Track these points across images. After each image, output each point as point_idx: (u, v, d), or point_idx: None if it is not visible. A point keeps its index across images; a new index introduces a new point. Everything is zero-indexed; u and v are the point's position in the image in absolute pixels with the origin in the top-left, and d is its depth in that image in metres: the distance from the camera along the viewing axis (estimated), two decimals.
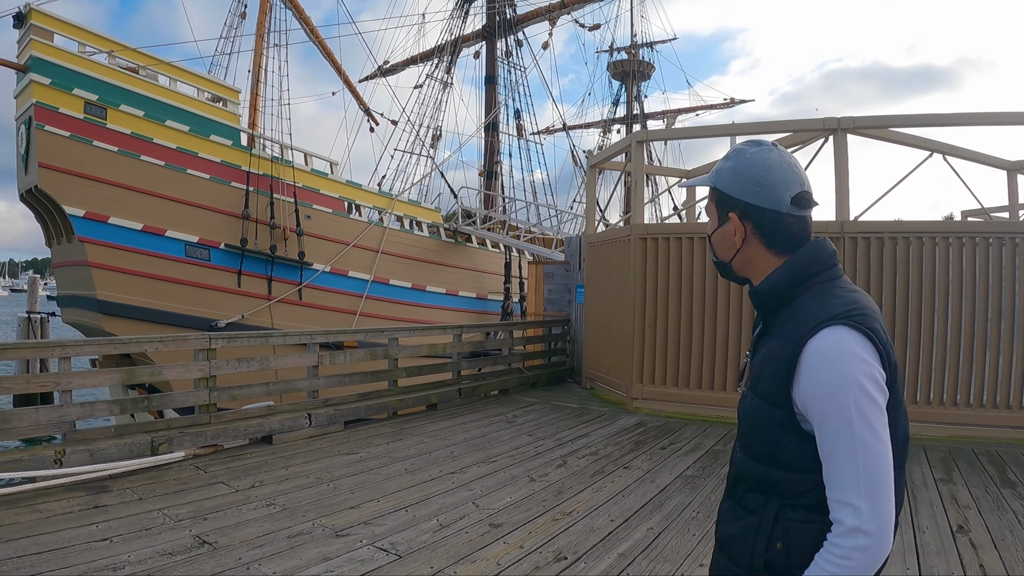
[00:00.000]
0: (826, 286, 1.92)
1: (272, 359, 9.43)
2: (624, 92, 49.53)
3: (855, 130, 10.99)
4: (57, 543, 5.18)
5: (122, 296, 14.95)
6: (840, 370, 1.69)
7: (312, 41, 24.66)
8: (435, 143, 29.18)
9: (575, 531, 5.85)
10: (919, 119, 10.99)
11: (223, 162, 16.43)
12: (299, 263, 17.51)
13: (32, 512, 5.86)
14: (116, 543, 5.23)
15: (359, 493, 6.80)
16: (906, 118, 11.05)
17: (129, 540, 5.31)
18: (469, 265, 23.31)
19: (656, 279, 11.60)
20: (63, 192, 14.29)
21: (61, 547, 5.10)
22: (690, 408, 11.00)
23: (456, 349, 12.57)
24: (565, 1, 29.80)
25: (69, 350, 7.31)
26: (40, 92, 14.00)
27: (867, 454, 1.64)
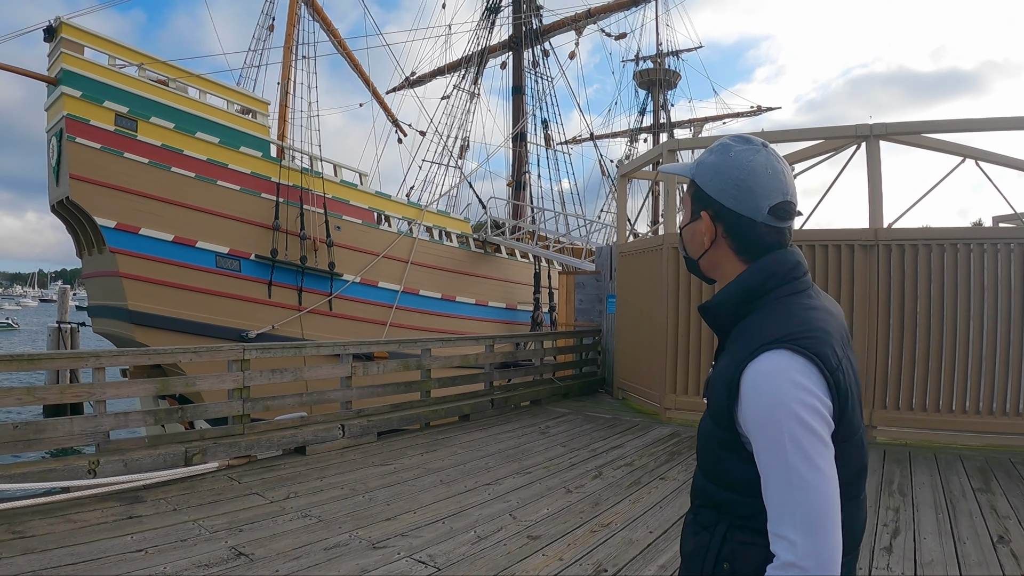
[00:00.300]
0: (783, 302, 1.79)
1: (306, 370, 9.38)
2: (651, 101, 49.40)
3: (887, 136, 10.80)
4: (92, 554, 5.12)
5: (153, 306, 14.98)
6: (775, 398, 1.58)
7: (340, 53, 24.75)
8: (463, 153, 29.19)
9: (614, 543, 5.73)
10: (952, 124, 10.80)
11: (253, 173, 16.46)
12: (329, 274, 17.50)
13: (66, 522, 5.81)
14: (151, 554, 5.16)
15: (395, 505, 6.70)
16: (939, 123, 10.87)
17: (165, 551, 5.24)
18: (498, 275, 23.24)
19: (688, 288, 11.44)
20: (94, 203, 14.35)
21: (96, 558, 5.04)
22: None
23: (488, 360, 12.45)
24: (591, 11, 29.80)
25: (103, 360, 7.27)
26: (71, 104, 14.08)
27: (803, 488, 1.52)
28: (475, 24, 30.47)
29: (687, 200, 1.98)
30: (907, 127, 10.97)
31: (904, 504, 6.84)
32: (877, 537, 5.86)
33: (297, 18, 21.63)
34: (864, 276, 10.25)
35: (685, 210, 2.00)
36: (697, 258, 1.98)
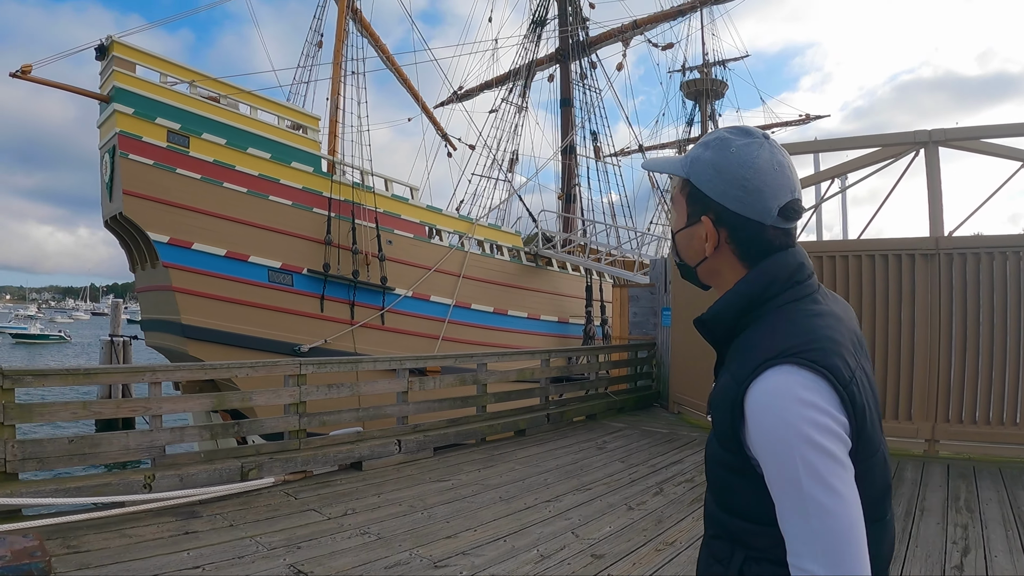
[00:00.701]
0: (786, 309, 1.61)
1: (362, 385, 9.26)
2: (698, 111, 49.03)
3: (946, 143, 10.48)
4: (147, 570, 5.00)
5: (206, 320, 15.02)
6: (782, 420, 1.41)
7: (388, 68, 24.82)
8: (512, 167, 29.10)
9: (680, 562, 5.51)
10: (1011, 128, 10.42)
11: (305, 188, 16.49)
12: (381, 288, 17.45)
13: (121, 537, 5.69)
14: (208, 571, 5.03)
15: (454, 522, 6.53)
16: (999, 128, 10.50)
17: (222, 568, 5.10)
18: (550, 289, 23.07)
19: None
20: (147, 219, 14.44)
21: (152, 574, 4.91)
22: None
23: (544, 374, 12.27)
24: (637, 21, 29.64)
25: (159, 375, 7.19)
26: (123, 121, 14.20)
27: (822, 516, 1.35)
28: (522, 37, 30.47)
29: (680, 201, 1.77)
30: (966, 132, 10.66)
31: (972, 521, 6.58)
32: (948, 555, 5.64)
33: (345, 34, 21.68)
34: (925, 286, 9.93)
35: (677, 212, 1.79)
36: (695, 265, 1.79)
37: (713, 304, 1.70)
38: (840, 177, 14.27)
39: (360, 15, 22.50)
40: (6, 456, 6.20)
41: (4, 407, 6.22)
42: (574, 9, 29.58)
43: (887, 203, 11.50)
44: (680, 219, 1.77)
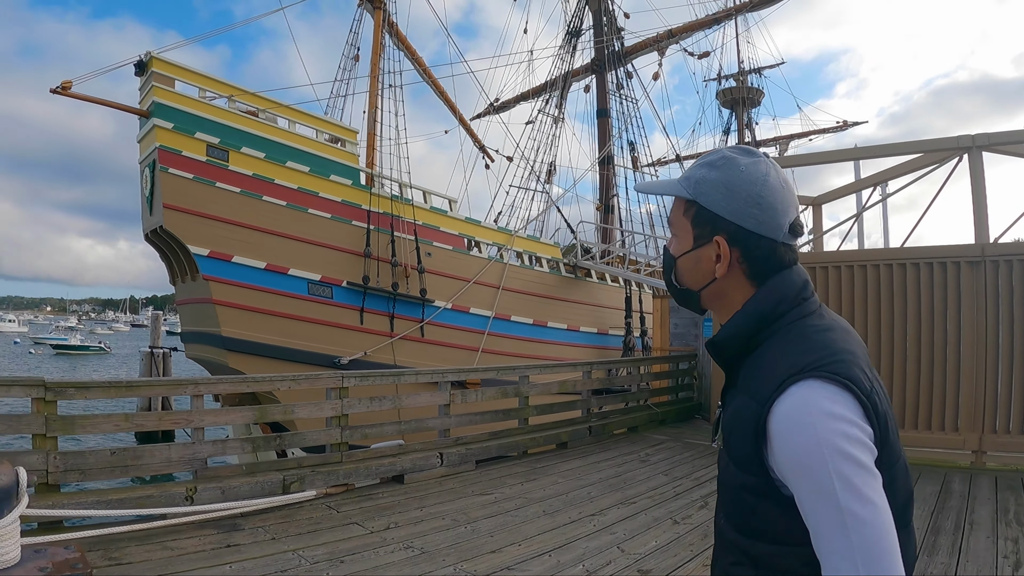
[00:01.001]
0: (795, 326, 1.60)
1: (404, 398, 9.20)
2: (734, 120, 48.63)
3: (990, 147, 10.31)
4: None
5: (246, 333, 15.05)
6: (813, 436, 1.38)
7: (425, 81, 24.83)
8: (549, 178, 29.00)
9: None
10: None
11: (344, 201, 16.50)
12: (421, 300, 17.41)
13: (163, 549, 5.65)
14: None
15: (498, 536, 6.43)
16: None
17: None
18: (589, 300, 22.92)
19: None
20: (188, 232, 14.50)
21: None
22: None
23: (586, 386, 12.14)
24: (673, 31, 29.48)
25: (202, 387, 7.17)
26: (163, 136, 14.29)
27: (860, 528, 1.33)
28: (557, 48, 30.39)
29: (683, 224, 1.72)
30: (1010, 136, 10.47)
31: (1023, 535, 6.42)
32: (999, 569, 5.51)
33: (382, 47, 21.73)
34: (971, 294, 9.71)
35: (680, 235, 1.74)
36: (700, 289, 1.73)
37: (724, 326, 1.67)
38: (880, 185, 14.07)
39: (396, 28, 22.54)
40: (48, 468, 6.21)
41: (47, 419, 6.24)
42: (609, 19, 29.46)
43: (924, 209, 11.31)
44: (684, 242, 1.72)
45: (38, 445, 6.22)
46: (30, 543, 4.99)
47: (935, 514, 7.10)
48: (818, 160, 13.26)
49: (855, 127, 48.17)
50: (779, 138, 49.52)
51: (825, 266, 10.80)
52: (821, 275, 10.75)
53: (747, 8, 30.12)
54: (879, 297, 10.23)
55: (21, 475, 4.37)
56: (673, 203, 1.76)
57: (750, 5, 29.72)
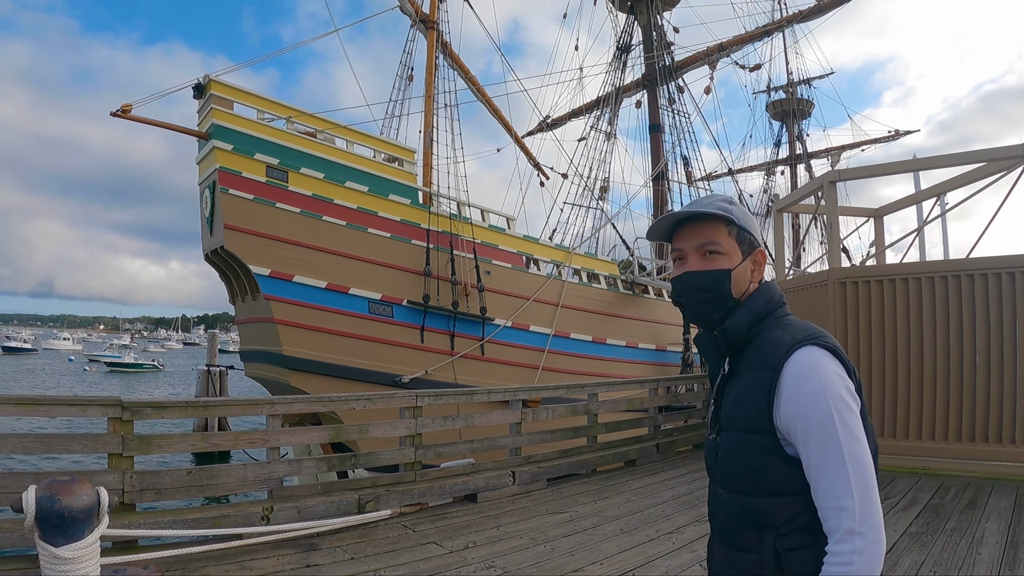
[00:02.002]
0: (782, 320, 2.02)
1: (476, 416, 9.10)
2: (785, 132, 48.03)
3: None
4: None
5: (307, 352, 15.02)
6: (820, 383, 1.77)
7: (479, 99, 24.82)
8: (603, 194, 28.82)
9: None
10: None
11: (403, 220, 16.45)
12: (481, 318, 17.29)
13: (242, 569, 5.59)
14: None
15: (579, 555, 6.30)
16: None
17: None
18: (647, 316, 22.67)
19: (857, 325, 10.83)
20: (248, 252, 14.53)
21: None
22: (899, 460, 10.02)
23: (652, 403, 11.96)
24: (723, 44, 29.26)
25: (278, 407, 7.12)
26: (223, 158, 14.33)
27: (854, 459, 1.72)
28: (607, 65, 30.26)
29: (730, 243, 2.04)
30: None
31: None
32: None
33: (436, 67, 21.75)
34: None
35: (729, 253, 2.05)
36: (740, 297, 2.05)
37: (731, 317, 2.03)
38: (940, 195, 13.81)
39: (449, 48, 22.53)
40: (124, 487, 6.19)
41: (124, 439, 6.22)
42: (658, 34, 29.26)
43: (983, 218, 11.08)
44: (735, 257, 2.04)
45: (114, 464, 6.20)
46: (109, 563, 4.94)
47: (1012, 527, 6.95)
48: (878, 172, 13.01)
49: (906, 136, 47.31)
50: (830, 149, 48.78)
51: (893, 279, 10.63)
52: (888, 288, 10.63)
53: (796, 20, 29.83)
54: (948, 309, 10.09)
55: (102, 495, 4.32)
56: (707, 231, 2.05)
57: (799, 17, 29.43)
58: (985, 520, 7.21)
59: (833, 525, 1.71)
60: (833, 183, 12.09)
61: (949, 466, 9.81)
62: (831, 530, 1.72)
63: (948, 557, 6.03)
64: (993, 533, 6.73)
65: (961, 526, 7.02)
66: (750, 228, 2.05)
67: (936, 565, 5.82)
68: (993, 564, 5.82)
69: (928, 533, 6.80)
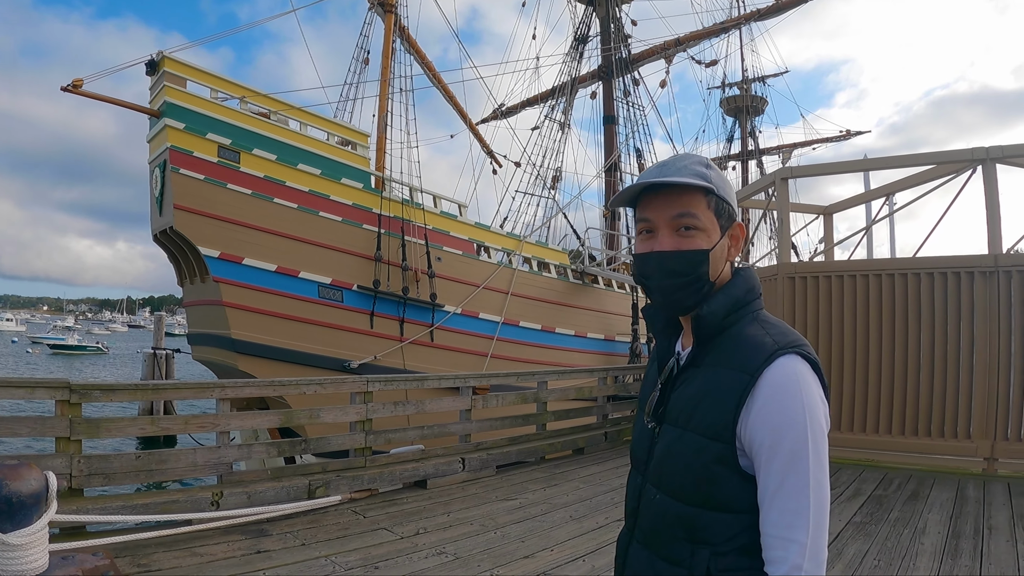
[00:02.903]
0: (759, 315, 1.79)
1: (427, 403, 9.12)
2: (738, 128, 48.55)
3: (1004, 159, 10.40)
4: None
5: (256, 336, 14.90)
6: (800, 402, 1.57)
7: (435, 85, 24.72)
8: (555, 184, 28.89)
9: None
10: None
11: (355, 205, 16.35)
12: (431, 305, 17.27)
13: (192, 556, 5.55)
14: None
15: (530, 541, 6.38)
16: None
17: None
18: (597, 306, 22.81)
19: (805, 319, 11.02)
20: (198, 233, 14.35)
21: None
22: (843, 452, 10.25)
23: (602, 392, 12.09)
24: (681, 39, 29.41)
25: (229, 391, 7.06)
26: (174, 136, 14.12)
27: (818, 490, 1.55)
28: (564, 55, 30.33)
29: (709, 218, 1.77)
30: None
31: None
32: (1021, 572, 5.60)
33: (392, 51, 21.60)
34: (984, 303, 9.83)
35: (708, 230, 1.77)
36: (717, 278, 1.80)
37: (707, 303, 1.76)
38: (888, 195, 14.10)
39: (407, 32, 22.42)
40: (72, 472, 6.09)
41: (72, 422, 6.12)
42: (616, 27, 29.41)
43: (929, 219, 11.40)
44: (714, 235, 1.77)
45: (62, 448, 6.10)
46: (58, 549, 4.90)
47: (954, 519, 7.18)
48: (831, 171, 13.24)
49: (857, 136, 48.11)
50: (782, 146, 49.41)
51: (841, 275, 10.83)
52: (836, 284, 10.83)
53: (754, 18, 30.11)
54: (893, 306, 10.34)
55: (51, 480, 4.27)
56: (683, 201, 1.75)
57: (757, 15, 29.71)
58: (927, 511, 7.42)
59: (778, 556, 1.54)
60: (785, 180, 12.27)
61: (892, 459, 10.08)
62: (775, 560, 1.55)
63: (892, 546, 6.21)
64: (935, 524, 6.94)
65: (904, 517, 7.22)
66: (729, 198, 1.78)
67: (880, 554, 6.00)
68: (936, 554, 6.01)
69: (872, 523, 6.99)
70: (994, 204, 10.21)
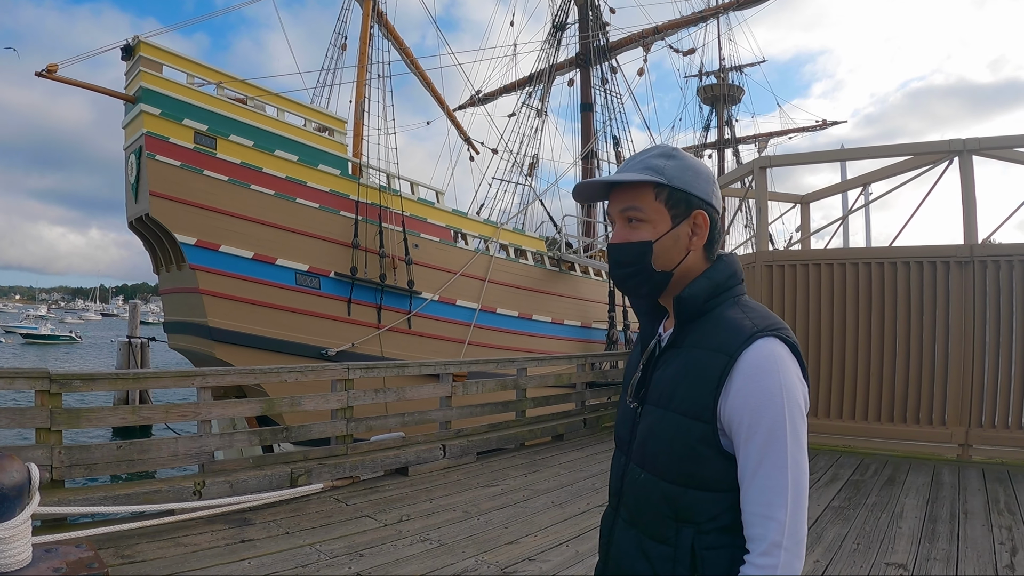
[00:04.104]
0: (740, 299, 1.83)
1: (408, 390, 9.12)
2: (715, 117, 48.71)
3: (980, 151, 10.60)
4: None
5: (233, 324, 14.82)
6: (778, 381, 1.62)
7: (412, 72, 24.59)
8: (531, 171, 28.84)
9: None
10: None
11: (332, 191, 16.27)
12: (408, 292, 17.23)
13: (176, 546, 5.53)
14: None
15: (512, 527, 6.44)
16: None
17: None
18: (573, 294, 22.86)
19: (783, 306, 11.13)
20: (174, 220, 14.22)
21: None
22: (820, 438, 10.38)
23: (581, 379, 12.14)
24: (659, 27, 29.42)
25: (210, 379, 7.03)
26: (150, 122, 13.97)
27: (796, 469, 1.60)
28: (541, 42, 30.23)
29: (656, 208, 1.82)
30: (1002, 142, 10.73)
31: (1015, 523, 6.67)
32: (998, 556, 5.74)
33: (370, 37, 21.43)
34: (960, 293, 10.02)
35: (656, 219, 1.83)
36: (673, 268, 1.85)
37: (689, 286, 1.81)
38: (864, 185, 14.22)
39: (385, 18, 22.25)
40: (53, 463, 6.01)
41: (52, 412, 6.05)
42: (595, 14, 29.36)
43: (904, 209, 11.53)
44: (661, 225, 1.82)
45: (42, 439, 6.02)
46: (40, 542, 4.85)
47: (930, 503, 7.32)
48: (809, 160, 13.33)
49: (833, 126, 48.46)
50: (758, 135, 49.71)
51: (818, 263, 10.96)
52: (814, 272, 10.95)
53: (732, 7, 30.22)
54: (870, 294, 10.48)
55: (33, 472, 4.22)
56: (629, 195, 1.83)
57: (736, 4, 29.80)
58: (904, 496, 7.54)
59: (758, 533, 1.60)
60: (764, 168, 12.33)
61: (868, 444, 10.23)
62: (755, 538, 1.61)
63: (871, 530, 6.32)
64: (912, 508, 7.05)
65: (881, 501, 7.33)
66: (689, 188, 1.81)
67: (859, 537, 6.10)
68: (913, 538, 6.12)
69: (850, 507, 7.10)
70: (970, 195, 10.38)
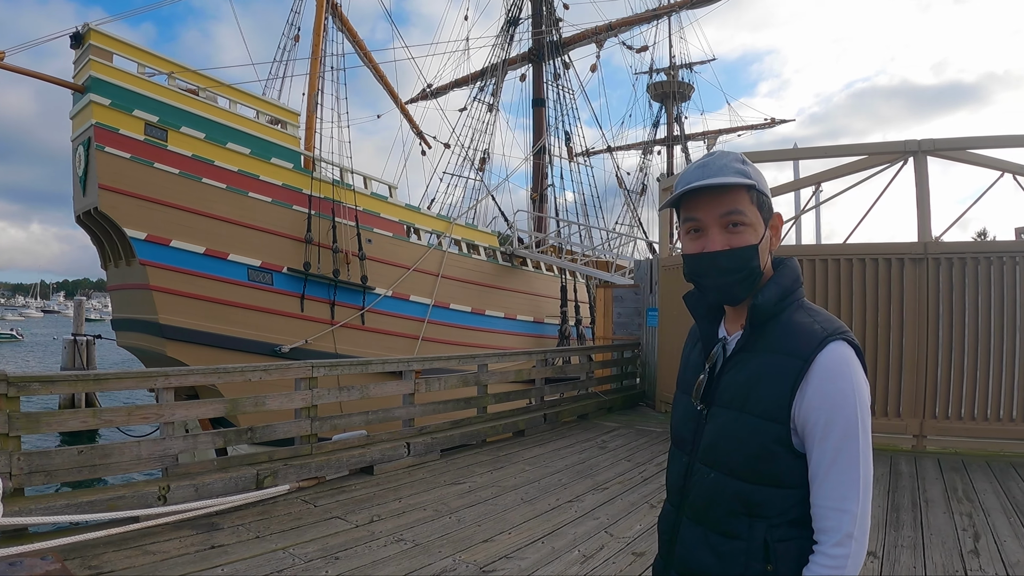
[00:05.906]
0: (804, 303, 1.91)
1: (371, 387, 9.00)
2: (664, 113, 49.04)
3: (935, 152, 10.90)
4: None
5: (184, 320, 14.54)
6: (851, 383, 1.72)
7: (366, 65, 24.41)
8: (483, 166, 28.79)
9: None
10: (997, 140, 10.87)
11: (285, 185, 16.05)
12: (362, 287, 17.08)
13: (144, 554, 5.37)
14: None
15: (485, 525, 6.43)
16: (985, 139, 10.94)
17: None
18: (526, 289, 22.90)
19: None
20: (124, 214, 13.89)
21: None
22: None
23: (540, 375, 12.16)
24: (612, 24, 29.58)
25: (172, 379, 6.85)
26: (100, 113, 13.62)
27: (867, 465, 1.71)
28: (495, 37, 30.19)
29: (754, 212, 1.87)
30: (954, 143, 11.08)
31: (975, 510, 6.97)
32: (961, 541, 5.99)
33: (324, 29, 21.17)
34: (913, 289, 10.35)
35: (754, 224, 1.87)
36: (763, 271, 1.91)
37: (760, 292, 1.86)
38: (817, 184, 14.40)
39: (339, 10, 22.02)
40: (12, 470, 5.76)
41: (10, 417, 5.80)
42: (548, 10, 29.41)
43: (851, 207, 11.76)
44: (759, 228, 1.87)
45: (1, 446, 5.75)
46: (3, 555, 4.71)
47: (891, 492, 7.57)
48: (765, 159, 13.44)
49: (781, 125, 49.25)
50: (707, 132, 50.30)
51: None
52: None
53: (685, 6, 30.46)
54: (827, 290, 10.73)
55: None
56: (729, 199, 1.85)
57: (688, 3, 30.06)
58: None
59: (831, 526, 1.69)
60: None
61: None
62: (828, 530, 1.69)
63: None
64: (875, 497, 7.16)
65: None
66: (767, 191, 1.89)
67: None
68: (879, 526, 6.32)
69: None
70: (924, 194, 10.67)
